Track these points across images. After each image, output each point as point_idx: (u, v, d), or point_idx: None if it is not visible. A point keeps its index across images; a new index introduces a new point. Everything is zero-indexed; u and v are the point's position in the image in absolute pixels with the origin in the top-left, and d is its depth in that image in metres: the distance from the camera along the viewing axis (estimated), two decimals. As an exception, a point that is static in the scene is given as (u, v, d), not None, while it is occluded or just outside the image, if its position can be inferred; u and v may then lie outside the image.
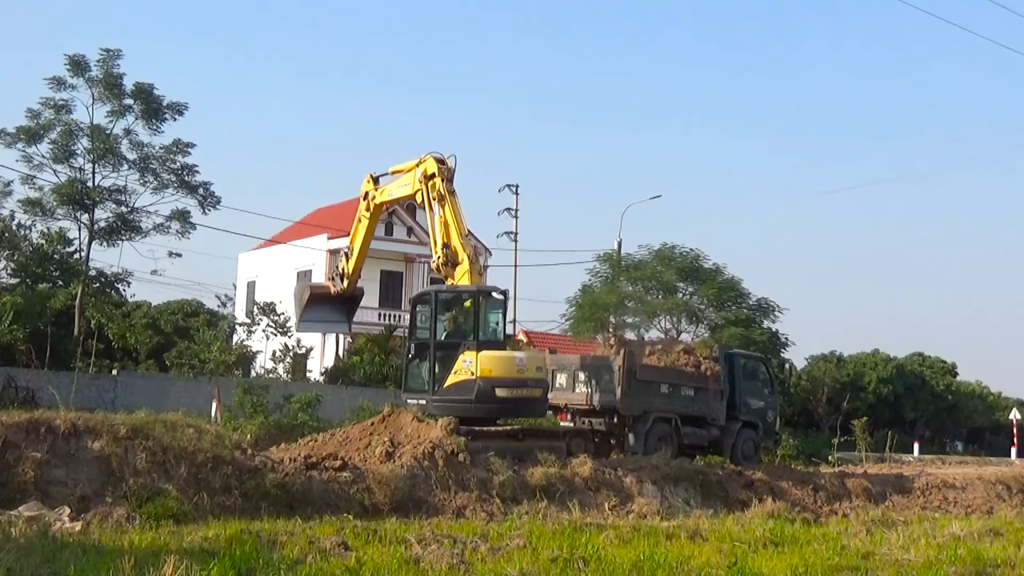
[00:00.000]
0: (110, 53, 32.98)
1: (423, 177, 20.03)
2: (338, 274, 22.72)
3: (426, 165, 20.07)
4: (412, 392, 19.82)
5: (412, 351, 20.23)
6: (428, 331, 19.61)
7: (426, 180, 19.99)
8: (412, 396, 19.65)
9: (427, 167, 20.03)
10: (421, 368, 19.78)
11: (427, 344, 19.50)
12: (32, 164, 33.31)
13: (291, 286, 52.58)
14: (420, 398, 19.27)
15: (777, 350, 41.01)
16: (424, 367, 19.59)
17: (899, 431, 49.37)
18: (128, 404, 23.75)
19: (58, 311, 36.09)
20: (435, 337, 19.31)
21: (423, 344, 19.72)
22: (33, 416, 14.53)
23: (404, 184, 20.92)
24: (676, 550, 12.41)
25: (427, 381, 19.27)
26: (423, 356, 19.69)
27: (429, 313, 19.68)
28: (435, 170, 19.86)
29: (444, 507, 15.97)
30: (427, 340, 19.53)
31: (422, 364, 19.73)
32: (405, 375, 20.47)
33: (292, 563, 10.22)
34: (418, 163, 20.34)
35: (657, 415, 21.46)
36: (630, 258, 42.31)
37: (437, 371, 19.02)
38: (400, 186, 21.05)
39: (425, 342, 19.63)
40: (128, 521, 12.89)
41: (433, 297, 19.82)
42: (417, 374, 19.94)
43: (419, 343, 19.96)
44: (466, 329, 19.24)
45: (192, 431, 15.10)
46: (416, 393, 19.60)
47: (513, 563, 10.89)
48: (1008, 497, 22.94)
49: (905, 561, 12.38)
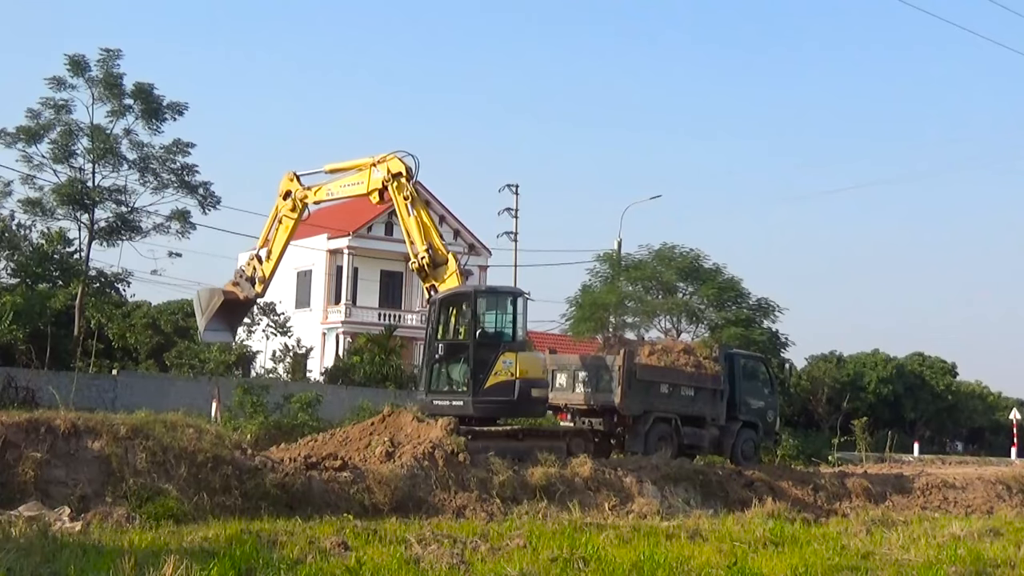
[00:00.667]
0: (110, 53, 32.98)
1: (389, 176, 19.51)
2: (248, 278, 20.95)
3: (391, 164, 19.52)
4: (442, 394, 19.24)
5: (442, 352, 19.35)
6: (462, 332, 19.27)
7: (392, 179, 19.49)
8: (442, 398, 19.13)
9: (393, 166, 19.50)
10: (452, 369, 19.33)
11: (463, 345, 19.11)
12: (32, 164, 33.31)
13: (292, 286, 53.21)
14: (455, 399, 18.96)
15: (777, 350, 41.00)
16: (457, 368, 19.22)
17: (899, 431, 49.39)
18: (128, 404, 23.74)
19: (58, 311, 36.07)
20: (475, 338, 19.03)
21: (458, 345, 19.24)
22: (33, 416, 14.54)
23: (353, 183, 20.09)
24: (676, 550, 12.41)
25: (461, 383, 19.05)
26: (456, 357, 19.20)
27: (467, 313, 19.22)
28: (402, 169, 19.44)
29: (444, 507, 15.98)
30: (463, 341, 19.15)
31: (454, 365, 19.29)
32: (431, 376, 19.50)
33: (292, 563, 10.22)
34: (377, 161, 19.68)
35: (657, 415, 21.46)
36: (630, 258, 42.31)
37: (477, 372, 18.82)
38: (347, 185, 20.21)
39: (461, 343, 19.19)
40: (128, 521, 12.90)
41: (473, 297, 19.53)
42: (447, 375, 19.42)
43: (452, 344, 19.31)
44: (503, 330, 19.45)
45: (192, 431, 15.11)
46: (447, 395, 19.15)
47: (513, 563, 10.89)
48: (1008, 497, 22.95)
49: (905, 561, 12.38)
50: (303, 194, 20.41)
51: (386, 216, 53.41)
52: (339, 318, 51.26)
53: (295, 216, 20.59)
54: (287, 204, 20.43)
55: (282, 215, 20.50)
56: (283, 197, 20.55)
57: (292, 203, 20.41)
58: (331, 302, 52.13)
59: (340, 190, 20.46)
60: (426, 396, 19.30)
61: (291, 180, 20.52)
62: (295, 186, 20.48)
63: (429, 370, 19.51)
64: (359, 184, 20.00)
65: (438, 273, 19.46)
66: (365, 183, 19.84)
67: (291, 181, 20.52)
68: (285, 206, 20.45)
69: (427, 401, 19.11)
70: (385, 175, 19.52)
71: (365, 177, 19.84)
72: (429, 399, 19.17)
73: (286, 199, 20.49)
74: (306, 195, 20.48)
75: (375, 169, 19.69)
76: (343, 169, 20.34)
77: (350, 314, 50.80)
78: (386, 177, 19.51)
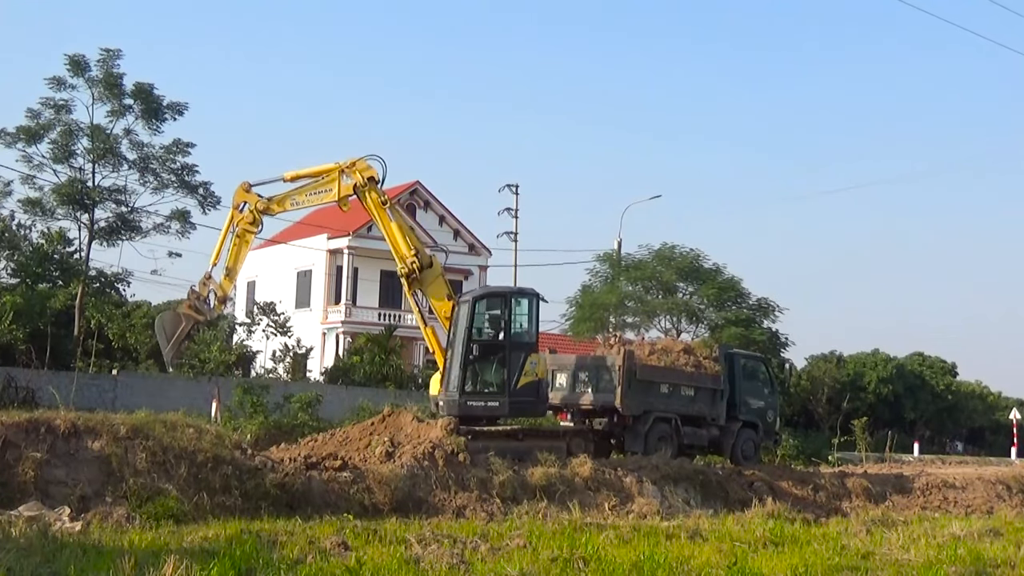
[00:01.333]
0: (110, 53, 32.99)
1: (363, 181, 18.79)
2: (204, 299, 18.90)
3: (363, 171, 18.79)
4: (479, 395, 18.98)
5: (477, 352, 19.04)
6: (495, 332, 19.38)
7: (365, 185, 18.86)
8: (477, 399, 18.91)
9: (365, 172, 18.79)
10: (486, 370, 19.23)
11: (498, 345, 19.16)
12: (32, 164, 33.33)
13: (292, 286, 53.27)
14: (490, 400, 18.96)
15: (777, 350, 41.01)
16: (491, 369, 19.19)
17: (899, 431, 49.40)
18: (128, 404, 23.73)
19: (58, 311, 36.08)
20: (509, 338, 19.19)
21: (494, 345, 19.22)
22: (33, 416, 14.54)
23: (321, 191, 19.03)
24: (676, 550, 12.42)
25: (496, 384, 19.09)
26: (491, 358, 19.17)
27: (503, 314, 19.28)
28: (375, 174, 18.85)
29: (444, 507, 15.98)
30: (499, 341, 19.22)
31: (488, 366, 19.21)
32: (465, 377, 18.89)
33: (292, 563, 10.23)
34: (346, 167, 18.79)
35: (657, 415, 21.44)
36: (630, 258, 42.33)
37: (511, 373, 18.93)
38: (314, 193, 19.09)
39: (496, 343, 19.22)
40: (128, 521, 12.91)
41: (509, 298, 19.60)
42: (482, 377, 19.25)
43: (488, 344, 19.22)
44: (529, 330, 19.68)
45: (192, 431, 15.12)
46: (483, 396, 19.02)
47: (513, 563, 10.89)
48: (1008, 497, 22.93)
49: (905, 561, 12.39)
50: (264, 205, 18.83)
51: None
52: (339, 318, 51.29)
53: (255, 230, 19.09)
54: (245, 217, 18.76)
55: (240, 229, 18.79)
56: (238, 209, 18.88)
57: (251, 215, 18.76)
58: (331, 302, 52.15)
59: (307, 199, 19.29)
60: (460, 398, 18.77)
61: (246, 191, 18.86)
62: (251, 197, 18.89)
63: (464, 371, 18.87)
64: (328, 191, 18.97)
65: (425, 276, 19.29)
66: (335, 190, 18.82)
67: (246, 192, 18.85)
68: (243, 219, 18.74)
69: (460, 403, 18.73)
70: (358, 181, 18.78)
71: (334, 184, 18.83)
72: (463, 400, 18.76)
73: (241, 211, 18.84)
74: (268, 206, 18.91)
75: (344, 175, 18.80)
76: (305, 176, 19.14)
77: (350, 314, 50.83)
78: (359, 183, 18.80)
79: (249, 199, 18.82)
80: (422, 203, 56.50)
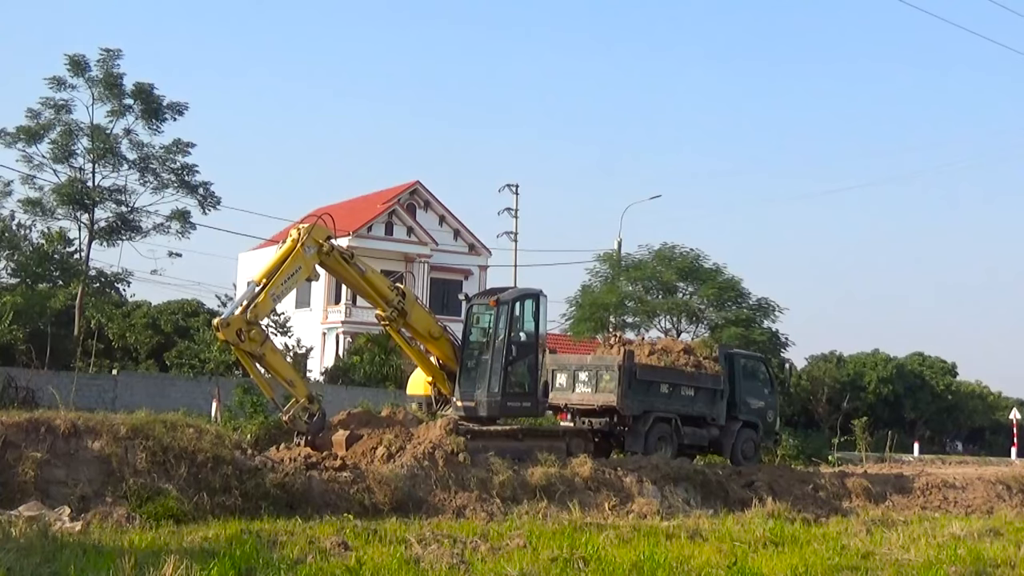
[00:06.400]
0: (110, 53, 33.05)
1: (326, 245, 17.60)
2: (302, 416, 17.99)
3: (315, 233, 17.51)
4: (516, 396, 18.99)
5: (514, 352, 18.97)
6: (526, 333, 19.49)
7: (329, 251, 17.72)
8: (514, 399, 18.97)
9: (319, 233, 17.57)
10: (517, 370, 19.22)
11: (531, 345, 19.36)
12: (32, 164, 33.43)
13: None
14: (524, 400, 19.17)
15: (777, 350, 40.94)
16: (521, 369, 19.25)
17: (899, 431, 49.33)
18: (128, 404, 23.76)
19: (58, 311, 36.10)
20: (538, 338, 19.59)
21: (528, 345, 19.35)
22: (33, 416, 14.55)
23: (291, 272, 17.28)
24: (676, 550, 12.43)
25: (527, 383, 19.25)
26: (522, 358, 19.21)
27: (535, 314, 19.55)
28: (330, 232, 17.87)
29: (444, 507, 15.98)
30: (531, 341, 19.40)
31: (519, 366, 19.24)
32: (505, 378, 18.72)
33: (292, 563, 10.24)
34: (299, 242, 17.31)
35: (657, 415, 21.43)
36: (630, 258, 42.31)
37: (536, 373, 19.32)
38: (286, 280, 17.28)
39: (529, 343, 19.38)
40: (128, 521, 12.92)
41: (539, 298, 19.77)
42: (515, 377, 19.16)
43: (523, 344, 19.28)
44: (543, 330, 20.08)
45: (192, 431, 15.11)
46: (519, 396, 19.09)
47: (513, 563, 10.90)
48: (1008, 497, 22.93)
49: (905, 561, 12.40)
50: (252, 320, 16.94)
51: (386, 216, 53.55)
52: (339, 318, 51.29)
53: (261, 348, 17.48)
54: (245, 346, 16.91)
55: (246, 353, 17.33)
56: (239, 339, 16.75)
57: (248, 339, 16.84)
58: (331, 302, 52.14)
59: (285, 290, 17.50)
60: (501, 399, 18.68)
61: (227, 327, 16.70)
62: (235, 325, 16.73)
63: (504, 372, 18.74)
64: (298, 271, 17.40)
65: (408, 307, 18.88)
66: (303, 267, 17.44)
67: (229, 327, 16.68)
68: (244, 346, 16.90)
69: (502, 403, 18.74)
70: (320, 245, 17.56)
71: (300, 261, 17.35)
72: (503, 401, 18.74)
73: (242, 340, 16.80)
74: (256, 318, 17.07)
75: (305, 248, 17.37)
76: (271, 270, 17.30)
77: (350, 314, 50.81)
78: (322, 247, 17.59)
79: (237, 327, 16.71)
80: (422, 203, 56.52)
